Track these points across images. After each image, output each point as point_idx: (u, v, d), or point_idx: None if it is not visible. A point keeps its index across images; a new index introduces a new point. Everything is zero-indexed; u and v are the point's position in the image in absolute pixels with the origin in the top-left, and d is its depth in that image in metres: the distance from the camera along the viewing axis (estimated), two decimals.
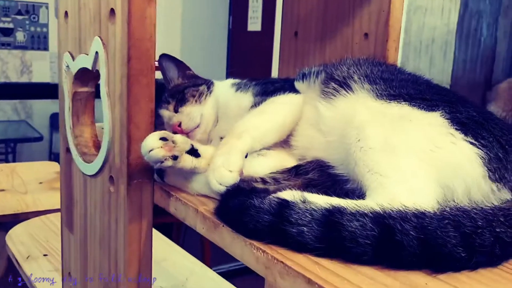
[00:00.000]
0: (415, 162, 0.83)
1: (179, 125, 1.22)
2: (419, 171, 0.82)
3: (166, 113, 1.27)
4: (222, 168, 0.88)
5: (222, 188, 0.87)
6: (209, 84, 1.33)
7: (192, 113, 1.24)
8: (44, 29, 5.22)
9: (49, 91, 4.84)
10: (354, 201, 0.79)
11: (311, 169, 0.98)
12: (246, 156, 0.97)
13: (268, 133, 1.05)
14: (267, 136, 1.05)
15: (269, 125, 1.06)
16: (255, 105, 1.16)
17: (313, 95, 1.11)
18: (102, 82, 1.04)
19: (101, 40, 1.02)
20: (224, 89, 1.32)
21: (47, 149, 5.14)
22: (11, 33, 4.97)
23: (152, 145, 0.88)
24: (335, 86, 1.05)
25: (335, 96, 1.03)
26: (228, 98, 1.28)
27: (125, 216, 0.98)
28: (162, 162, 0.88)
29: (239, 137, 0.99)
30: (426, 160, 0.83)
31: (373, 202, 0.77)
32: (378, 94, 0.97)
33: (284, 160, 1.07)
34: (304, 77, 1.21)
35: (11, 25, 4.97)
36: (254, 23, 5.77)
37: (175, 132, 1.23)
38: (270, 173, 1.00)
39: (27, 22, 5.10)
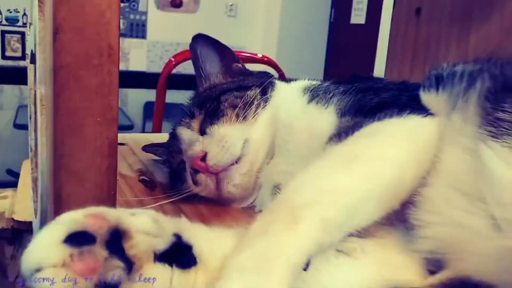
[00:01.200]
0: None
1: (203, 158, 0.68)
2: None
3: (186, 134, 0.74)
4: None
5: None
6: (265, 86, 0.77)
7: (228, 137, 0.70)
8: (143, 17, 5.03)
9: (144, 79, 4.64)
10: None
11: None
12: (306, 268, 0.41)
13: (363, 206, 0.47)
14: (360, 213, 0.47)
15: (367, 190, 0.48)
16: (341, 134, 0.59)
17: (463, 125, 0.51)
18: (30, 78, 0.53)
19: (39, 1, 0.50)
20: (290, 96, 0.75)
21: None
22: None
23: (42, 258, 0.33)
24: None
25: None
26: (294, 113, 0.72)
27: None
28: None
29: (295, 220, 0.42)
30: None
31: None
32: None
33: (394, 266, 0.48)
34: (440, 82, 0.61)
35: None
36: (358, 15, 5.18)
37: (195, 171, 0.70)
38: None
39: (126, 9, 4.93)
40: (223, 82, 0.81)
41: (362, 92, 0.67)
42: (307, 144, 0.66)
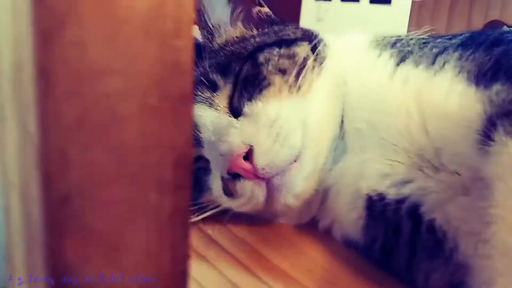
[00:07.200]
0: None
1: (247, 155, 0.42)
2: None
3: (208, 115, 0.47)
4: None
5: None
6: (313, 41, 0.51)
7: (284, 119, 0.44)
8: None
9: None
10: None
11: None
12: None
13: None
14: None
15: None
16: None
17: None
18: None
19: None
20: (356, 55, 0.50)
21: None
22: None
23: None
24: None
25: None
26: (376, 80, 0.46)
27: None
28: None
29: None
30: None
31: None
32: None
33: None
34: None
35: None
36: None
37: (234, 176, 0.43)
38: None
39: None
40: (250, 35, 0.54)
41: (496, 45, 0.43)
42: (416, 129, 0.42)
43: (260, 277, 0.40)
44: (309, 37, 0.52)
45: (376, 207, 0.42)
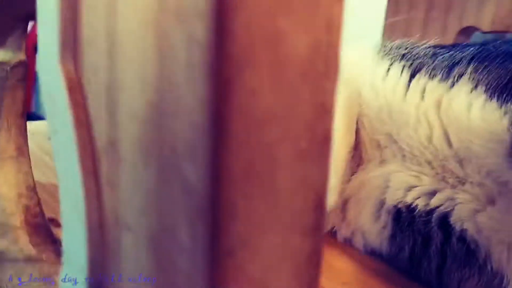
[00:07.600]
0: None
1: None
2: None
3: None
4: None
5: None
6: None
7: None
8: None
9: None
10: None
11: None
12: None
13: None
14: None
15: None
16: None
17: None
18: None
19: None
20: (365, 64, 0.51)
21: None
22: None
23: None
24: None
25: None
26: (391, 92, 0.47)
27: None
28: None
29: None
30: None
31: None
32: None
33: None
34: None
35: None
36: None
37: None
38: None
39: None
40: None
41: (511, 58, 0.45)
42: (439, 140, 0.43)
43: None
44: None
45: (404, 218, 0.43)
